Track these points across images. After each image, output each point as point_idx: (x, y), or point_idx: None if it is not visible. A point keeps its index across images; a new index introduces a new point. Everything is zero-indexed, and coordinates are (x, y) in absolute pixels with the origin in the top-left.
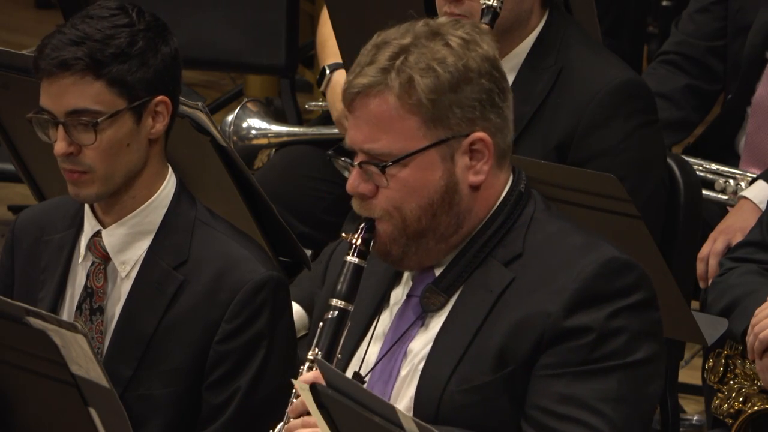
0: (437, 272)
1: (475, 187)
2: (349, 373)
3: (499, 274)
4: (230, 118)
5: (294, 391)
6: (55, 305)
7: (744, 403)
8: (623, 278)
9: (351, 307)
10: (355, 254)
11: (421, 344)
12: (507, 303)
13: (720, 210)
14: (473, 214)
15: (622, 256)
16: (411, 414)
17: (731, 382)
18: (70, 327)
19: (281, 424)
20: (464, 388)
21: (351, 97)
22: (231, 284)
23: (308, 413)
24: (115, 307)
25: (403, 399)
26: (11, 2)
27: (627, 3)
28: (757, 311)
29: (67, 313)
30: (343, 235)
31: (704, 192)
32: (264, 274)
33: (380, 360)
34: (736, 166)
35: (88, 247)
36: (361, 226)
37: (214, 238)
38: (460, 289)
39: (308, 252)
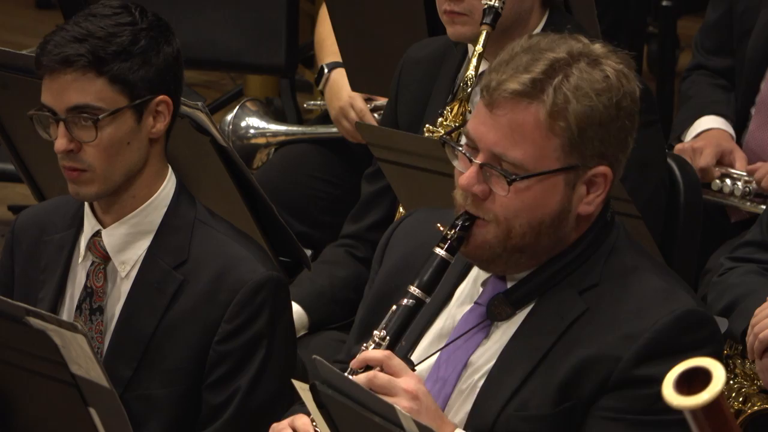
0: (509, 284)
1: (582, 217)
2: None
3: (572, 301)
4: (229, 117)
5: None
6: (55, 305)
7: (744, 403)
8: (697, 333)
9: (428, 299)
10: (446, 248)
11: (484, 358)
12: (577, 335)
13: (720, 211)
14: (568, 240)
15: (699, 310)
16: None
17: (731, 382)
18: (70, 327)
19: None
20: (522, 414)
21: (498, 98)
22: (231, 284)
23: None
24: (114, 307)
25: (459, 413)
26: (11, 2)
27: (627, 3)
28: (756, 311)
29: (66, 313)
30: (439, 226)
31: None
32: (264, 274)
33: (438, 363)
34: None
35: (88, 247)
36: (459, 221)
37: (214, 238)
38: (530, 307)
39: (308, 252)
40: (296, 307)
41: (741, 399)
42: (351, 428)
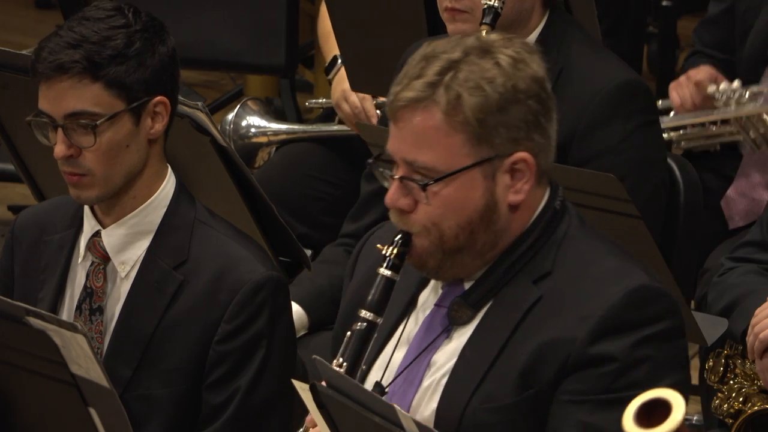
0: (467, 285)
1: (513, 207)
2: (371, 379)
3: (526, 291)
4: (230, 116)
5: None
6: (55, 305)
7: (744, 403)
8: (651, 307)
9: (380, 320)
10: (389, 267)
11: (445, 357)
12: (533, 322)
13: (719, 210)
14: (509, 231)
15: (652, 284)
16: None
17: (731, 382)
18: (70, 327)
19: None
20: (487, 406)
21: (397, 110)
22: (230, 284)
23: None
24: (114, 307)
25: (425, 411)
26: (11, 2)
27: (627, 3)
28: (757, 311)
29: (66, 313)
30: (378, 246)
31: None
32: (263, 274)
33: (403, 370)
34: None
35: (88, 247)
36: (396, 239)
37: (214, 238)
38: (489, 304)
39: (308, 252)
40: (296, 307)
41: (741, 399)
42: (351, 428)
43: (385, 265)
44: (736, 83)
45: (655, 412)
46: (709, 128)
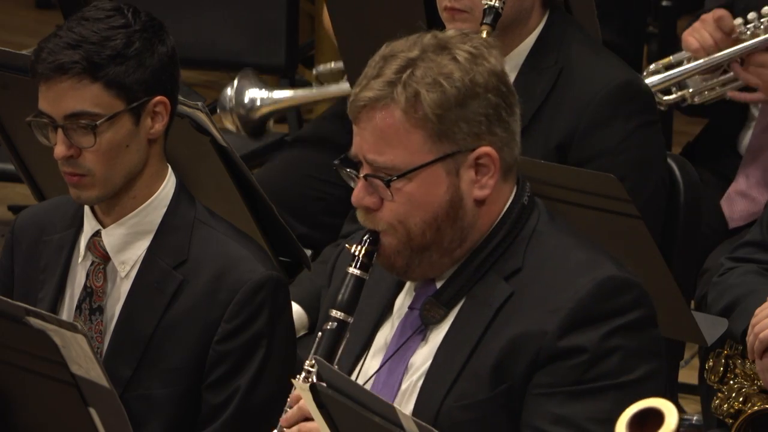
0: (438, 284)
1: (479, 202)
2: None
3: (498, 289)
4: (228, 91)
5: (288, 401)
6: (55, 305)
7: (744, 403)
8: (620, 298)
9: (350, 319)
10: (358, 266)
11: (421, 359)
12: (505, 318)
13: (719, 210)
14: (477, 227)
15: (620, 275)
16: None
17: (731, 382)
18: (70, 327)
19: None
20: (462, 404)
21: (357, 110)
22: (230, 284)
23: (306, 419)
24: (114, 307)
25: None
26: (11, 2)
27: (629, 3)
28: (757, 311)
29: (66, 312)
30: (347, 246)
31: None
32: (263, 273)
33: (378, 372)
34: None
35: (88, 247)
36: (365, 237)
37: (214, 238)
38: (461, 303)
39: (308, 252)
40: (296, 307)
41: (741, 399)
42: (351, 428)
43: (354, 264)
44: (765, 8)
45: (647, 422)
46: (721, 76)
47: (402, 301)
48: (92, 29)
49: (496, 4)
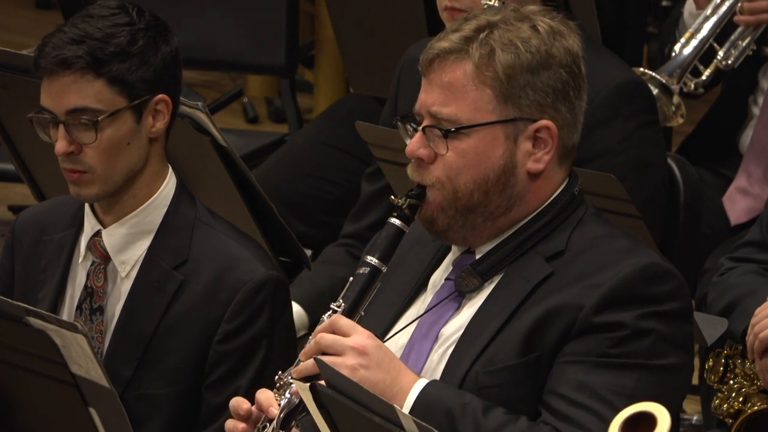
0: (478, 257)
1: (532, 175)
2: None
3: (538, 267)
4: None
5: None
6: (55, 305)
7: (744, 403)
8: (661, 285)
9: (384, 268)
10: (399, 217)
11: (453, 329)
12: (542, 294)
13: (719, 211)
14: (525, 201)
15: (664, 264)
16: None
17: (731, 382)
18: (70, 327)
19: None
20: (489, 369)
21: (430, 59)
22: (231, 284)
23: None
24: (115, 307)
25: None
26: (11, 2)
27: (627, 3)
28: (757, 311)
29: (67, 312)
30: (392, 198)
31: None
32: (264, 273)
33: (410, 341)
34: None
35: (88, 247)
36: (410, 191)
37: (214, 238)
38: (498, 278)
39: (308, 252)
40: (296, 307)
41: (741, 399)
42: (351, 428)
43: (396, 214)
44: None
45: (640, 426)
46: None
47: (439, 275)
48: (97, 26)
49: (496, 4)
